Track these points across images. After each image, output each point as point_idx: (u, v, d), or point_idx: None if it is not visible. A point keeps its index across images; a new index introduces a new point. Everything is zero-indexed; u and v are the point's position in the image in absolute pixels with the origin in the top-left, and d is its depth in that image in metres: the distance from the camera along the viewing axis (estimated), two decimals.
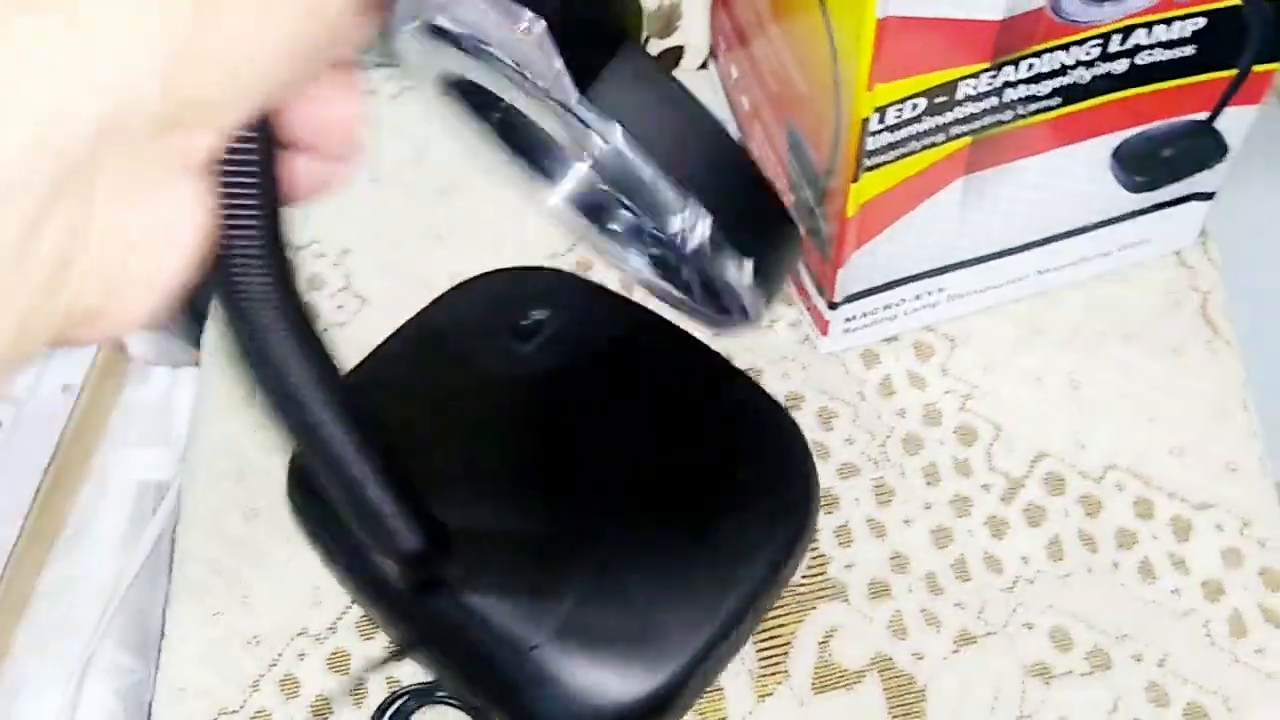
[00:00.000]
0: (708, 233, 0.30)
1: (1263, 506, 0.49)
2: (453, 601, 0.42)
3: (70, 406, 0.56)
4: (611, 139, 0.28)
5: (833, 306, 0.50)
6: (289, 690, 0.47)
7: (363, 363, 0.49)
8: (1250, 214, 0.58)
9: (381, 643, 0.48)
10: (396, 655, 0.45)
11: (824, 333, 0.52)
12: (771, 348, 0.53)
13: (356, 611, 0.48)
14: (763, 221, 0.32)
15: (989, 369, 0.53)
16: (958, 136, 0.44)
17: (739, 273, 0.31)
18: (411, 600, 0.43)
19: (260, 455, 0.51)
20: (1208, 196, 0.52)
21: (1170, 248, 0.55)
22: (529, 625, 0.42)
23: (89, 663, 0.52)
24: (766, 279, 0.32)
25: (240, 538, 0.50)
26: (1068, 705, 0.46)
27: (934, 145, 0.44)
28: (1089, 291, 0.54)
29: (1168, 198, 0.52)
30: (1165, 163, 0.50)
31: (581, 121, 0.28)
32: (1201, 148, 0.49)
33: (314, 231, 0.57)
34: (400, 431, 0.34)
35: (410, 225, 0.57)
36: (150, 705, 0.48)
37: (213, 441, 0.52)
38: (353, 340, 0.53)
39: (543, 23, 0.26)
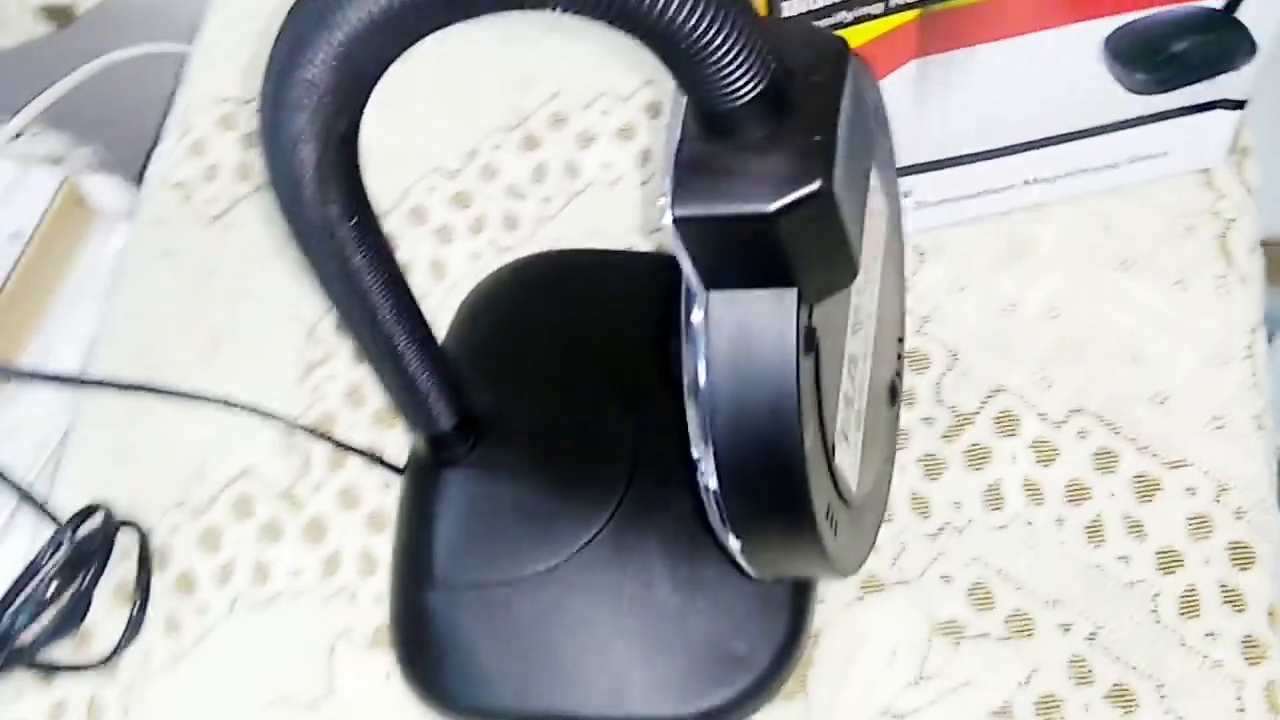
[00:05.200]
0: (711, 487, 0.30)
1: (1248, 470, 0.42)
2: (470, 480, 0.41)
3: (17, 255, 0.55)
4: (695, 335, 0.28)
5: None
6: None
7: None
8: None
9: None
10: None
11: None
12: None
13: None
14: (772, 533, 0.31)
15: (958, 288, 0.47)
16: (899, 8, 0.38)
17: (724, 536, 0.31)
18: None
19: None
20: (1238, 105, 0.45)
21: (1193, 165, 0.47)
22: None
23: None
24: (758, 564, 0.32)
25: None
26: (975, 671, 0.41)
27: (869, 17, 0.38)
28: (1088, 209, 0.47)
29: (1186, 103, 0.44)
30: (1175, 59, 0.42)
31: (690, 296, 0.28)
32: (1221, 42, 0.42)
33: (255, 85, 0.54)
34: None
35: None
36: None
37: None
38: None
39: (670, 216, 0.26)
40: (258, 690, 0.43)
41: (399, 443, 0.47)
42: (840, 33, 0.38)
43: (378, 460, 0.45)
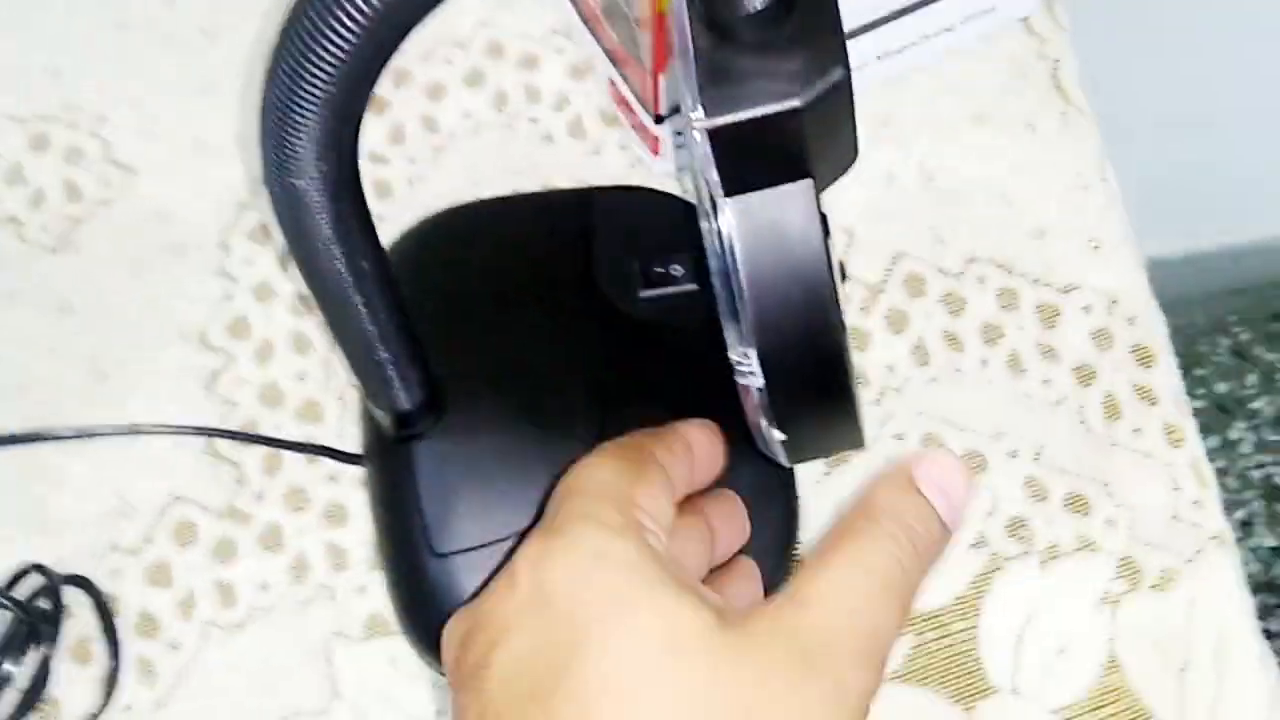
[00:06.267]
0: (756, 387, 0.30)
1: (1130, 280, 0.47)
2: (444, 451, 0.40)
3: None
4: (726, 245, 0.28)
5: (659, 120, 0.46)
6: None
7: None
8: None
9: None
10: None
11: (655, 152, 0.48)
12: (602, 173, 0.49)
13: None
14: (816, 419, 0.32)
15: None
16: None
17: (768, 431, 0.31)
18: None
19: None
20: None
21: (1015, 13, 0.51)
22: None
23: None
24: (798, 451, 0.33)
25: None
26: None
27: None
28: (937, 74, 0.50)
29: None
30: None
31: (714, 207, 0.28)
32: None
33: (61, 97, 0.50)
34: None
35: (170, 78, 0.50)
36: None
37: None
38: (119, 220, 0.48)
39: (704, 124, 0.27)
40: (259, 714, 0.42)
41: (329, 434, 0.45)
42: None
43: (330, 452, 0.44)
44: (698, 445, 0.36)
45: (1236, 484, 1.11)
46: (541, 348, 0.42)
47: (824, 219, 0.30)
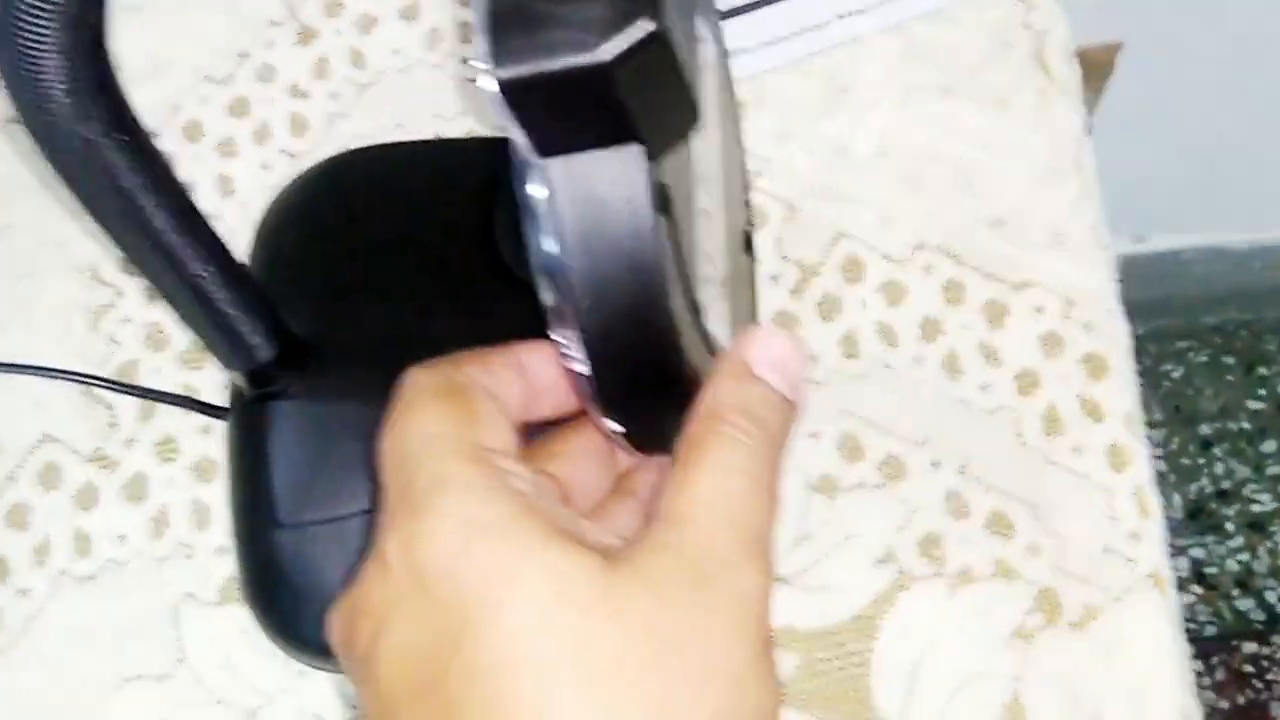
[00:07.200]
0: (581, 372, 0.28)
1: (1091, 281, 0.42)
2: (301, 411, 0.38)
3: None
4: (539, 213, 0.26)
5: None
6: None
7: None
8: None
9: None
10: None
11: None
12: None
13: None
14: (651, 413, 0.29)
15: (785, 137, 0.45)
16: None
17: (601, 422, 0.29)
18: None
19: None
20: None
21: None
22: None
23: None
24: (642, 445, 0.30)
25: None
26: (854, 523, 0.40)
27: None
28: (907, 37, 0.46)
29: None
30: None
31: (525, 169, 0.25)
32: None
33: None
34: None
35: None
36: None
37: None
38: (23, 140, 0.46)
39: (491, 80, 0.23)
40: (103, 672, 0.40)
41: (213, 381, 0.43)
42: None
43: (194, 404, 0.41)
44: (531, 365, 0.31)
45: None
46: (425, 309, 0.39)
47: (663, 188, 0.26)
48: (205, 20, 0.47)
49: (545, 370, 0.31)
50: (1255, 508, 1.12)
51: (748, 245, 0.37)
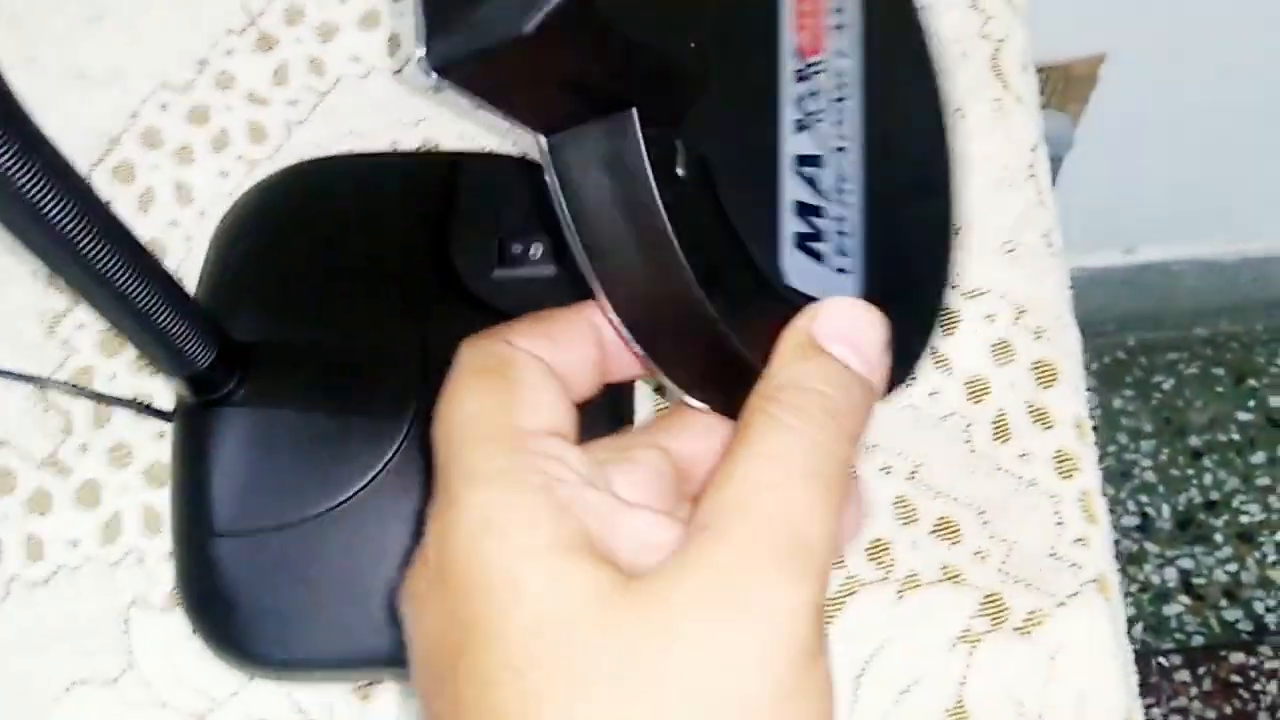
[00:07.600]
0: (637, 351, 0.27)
1: (1042, 289, 0.42)
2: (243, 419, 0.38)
3: None
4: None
5: None
6: None
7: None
8: None
9: None
10: None
11: None
12: (491, 135, 0.45)
13: None
14: (714, 373, 0.27)
15: None
16: None
17: (677, 393, 0.28)
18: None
19: None
20: None
21: None
22: None
23: None
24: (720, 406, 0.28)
25: None
26: None
27: None
28: None
29: None
30: None
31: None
32: None
33: None
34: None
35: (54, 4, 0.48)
36: None
37: None
38: None
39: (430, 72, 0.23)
40: (51, 676, 0.40)
41: (164, 389, 0.43)
42: None
43: (144, 408, 0.41)
44: (606, 323, 0.27)
45: None
46: (367, 317, 0.39)
47: (669, 151, 0.25)
48: (165, 28, 0.48)
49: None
50: (1244, 518, 1.12)
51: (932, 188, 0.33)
